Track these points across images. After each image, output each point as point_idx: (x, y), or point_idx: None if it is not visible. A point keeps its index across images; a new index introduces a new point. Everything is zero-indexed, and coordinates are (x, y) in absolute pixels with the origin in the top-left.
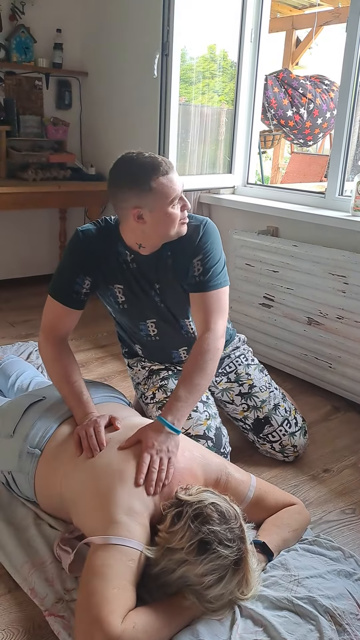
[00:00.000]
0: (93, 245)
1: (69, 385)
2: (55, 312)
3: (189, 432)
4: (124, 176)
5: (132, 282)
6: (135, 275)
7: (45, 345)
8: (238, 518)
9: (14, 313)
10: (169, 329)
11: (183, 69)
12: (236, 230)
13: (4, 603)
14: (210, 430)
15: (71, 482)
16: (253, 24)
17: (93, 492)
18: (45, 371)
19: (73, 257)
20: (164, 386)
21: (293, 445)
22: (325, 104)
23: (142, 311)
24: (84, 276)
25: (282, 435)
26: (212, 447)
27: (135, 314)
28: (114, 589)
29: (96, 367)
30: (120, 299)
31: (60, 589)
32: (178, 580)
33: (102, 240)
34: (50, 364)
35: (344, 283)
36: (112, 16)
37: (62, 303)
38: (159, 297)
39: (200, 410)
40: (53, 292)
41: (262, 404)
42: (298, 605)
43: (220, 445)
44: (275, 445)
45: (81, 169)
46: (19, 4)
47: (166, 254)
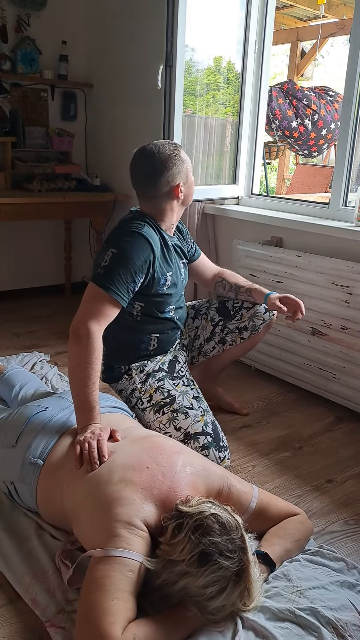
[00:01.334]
0: (153, 242)
1: (89, 389)
2: (105, 309)
3: (189, 430)
4: (159, 164)
5: (175, 263)
6: (175, 256)
7: (88, 340)
8: (239, 529)
9: (18, 324)
10: (181, 303)
11: (189, 81)
12: (240, 240)
13: (5, 614)
14: (208, 425)
15: (72, 494)
16: (257, 36)
17: (93, 506)
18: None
19: (137, 258)
20: (161, 387)
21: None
22: (330, 115)
23: (179, 291)
24: (142, 275)
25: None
26: (212, 441)
27: (174, 296)
28: (113, 600)
29: None
30: (167, 286)
31: (62, 600)
32: (180, 592)
33: (154, 232)
34: (87, 360)
35: (347, 293)
36: (117, 28)
37: (120, 301)
38: (185, 271)
39: (195, 407)
40: (113, 289)
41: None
42: (300, 617)
43: (219, 439)
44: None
45: (86, 180)
46: (24, 16)
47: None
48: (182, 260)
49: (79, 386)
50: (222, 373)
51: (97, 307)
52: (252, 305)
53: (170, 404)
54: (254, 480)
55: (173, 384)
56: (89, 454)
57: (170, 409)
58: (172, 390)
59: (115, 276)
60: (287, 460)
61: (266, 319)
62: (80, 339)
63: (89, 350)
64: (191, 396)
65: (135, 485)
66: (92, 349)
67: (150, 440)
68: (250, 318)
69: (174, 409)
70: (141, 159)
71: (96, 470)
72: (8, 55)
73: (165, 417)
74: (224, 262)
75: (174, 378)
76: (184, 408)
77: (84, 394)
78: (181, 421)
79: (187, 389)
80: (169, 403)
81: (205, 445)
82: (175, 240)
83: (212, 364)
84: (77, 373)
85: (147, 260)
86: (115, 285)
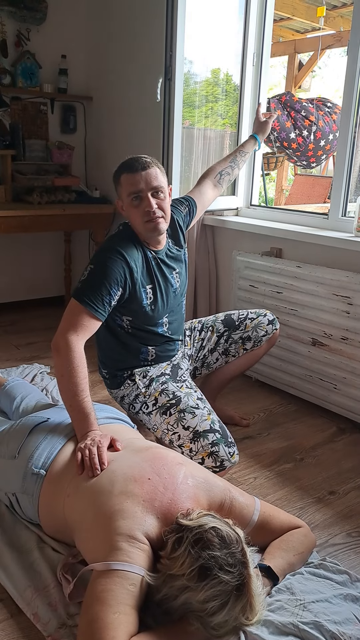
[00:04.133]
0: (130, 257)
1: (79, 397)
2: (83, 321)
3: (197, 429)
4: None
5: (160, 279)
6: (162, 270)
7: (67, 350)
8: (240, 542)
9: (18, 335)
10: (176, 316)
11: (187, 93)
12: (240, 251)
13: (7, 628)
14: (215, 423)
15: (73, 504)
16: (255, 49)
17: (94, 518)
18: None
19: (111, 272)
20: (165, 389)
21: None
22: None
23: (169, 304)
24: (118, 289)
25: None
26: (221, 438)
27: (162, 310)
28: (115, 614)
29: (100, 390)
30: (150, 299)
31: (64, 614)
32: (181, 607)
33: (134, 247)
34: (69, 369)
35: (348, 304)
36: (116, 42)
37: (95, 314)
38: (179, 281)
39: (201, 406)
40: (88, 302)
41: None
42: (304, 631)
43: (227, 435)
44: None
45: (86, 192)
46: (24, 31)
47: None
48: (175, 271)
49: (69, 396)
50: (222, 390)
51: (75, 320)
52: (257, 316)
53: (176, 404)
54: (256, 492)
55: (177, 386)
56: (90, 461)
57: (177, 410)
58: (176, 392)
59: (90, 290)
60: (288, 472)
61: (269, 331)
62: (60, 351)
63: (69, 359)
64: (195, 397)
65: (136, 497)
66: (72, 358)
67: (152, 451)
68: (254, 328)
69: (180, 409)
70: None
71: (97, 480)
72: (8, 69)
73: (172, 417)
74: (224, 273)
75: (177, 381)
76: (191, 408)
77: (75, 403)
78: (189, 420)
79: (190, 390)
80: (175, 404)
81: (214, 442)
82: (163, 252)
83: (212, 380)
84: (63, 384)
85: (122, 273)
86: (90, 298)
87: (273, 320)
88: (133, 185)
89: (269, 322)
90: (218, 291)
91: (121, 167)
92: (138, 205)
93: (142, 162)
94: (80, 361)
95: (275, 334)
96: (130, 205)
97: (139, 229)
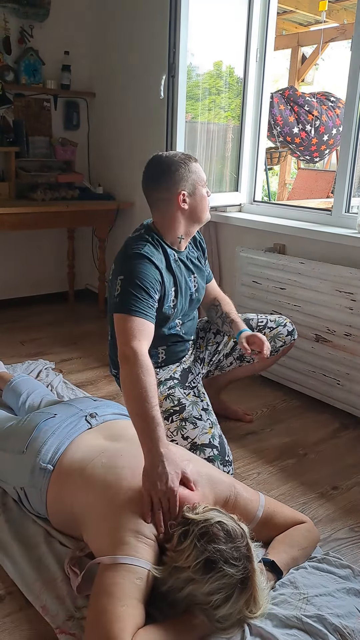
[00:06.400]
0: (156, 259)
1: (149, 404)
2: (139, 327)
3: (196, 441)
4: (164, 167)
5: (180, 279)
6: (182, 271)
7: (136, 356)
8: (244, 537)
9: (23, 332)
10: (190, 316)
11: (189, 86)
12: (243, 248)
13: (16, 620)
14: (215, 438)
15: (81, 499)
16: (258, 43)
17: (102, 513)
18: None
19: (145, 276)
20: (172, 395)
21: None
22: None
23: (185, 304)
24: (156, 292)
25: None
26: (217, 455)
27: (179, 310)
28: (122, 606)
29: (104, 385)
30: (173, 302)
31: (72, 607)
32: (186, 598)
33: (156, 249)
34: (138, 374)
35: (351, 300)
36: (119, 38)
37: (147, 319)
38: (197, 284)
39: (204, 418)
40: (135, 310)
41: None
42: (307, 624)
43: (225, 453)
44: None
45: (89, 189)
46: (27, 28)
47: (191, 248)
48: (193, 275)
49: (137, 404)
50: (229, 386)
51: (130, 329)
52: (276, 325)
53: (179, 412)
54: (259, 487)
55: (184, 393)
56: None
57: (179, 417)
58: (182, 399)
59: (131, 298)
60: (291, 467)
61: (287, 342)
62: (129, 359)
63: (139, 364)
64: (201, 407)
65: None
66: (142, 363)
67: None
68: (273, 338)
69: (183, 418)
70: (150, 163)
71: (105, 476)
72: (11, 66)
73: (173, 425)
74: (227, 269)
75: (185, 387)
76: (193, 418)
77: (144, 411)
78: (189, 431)
79: (197, 399)
80: (178, 411)
81: (210, 457)
82: (185, 254)
83: (220, 378)
84: (132, 391)
85: (155, 277)
86: (135, 305)
87: (292, 331)
88: (204, 174)
89: (288, 333)
90: (221, 287)
91: (182, 157)
92: (207, 193)
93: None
94: (150, 366)
95: (292, 344)
96: (204, 195)
97: (201, 218)
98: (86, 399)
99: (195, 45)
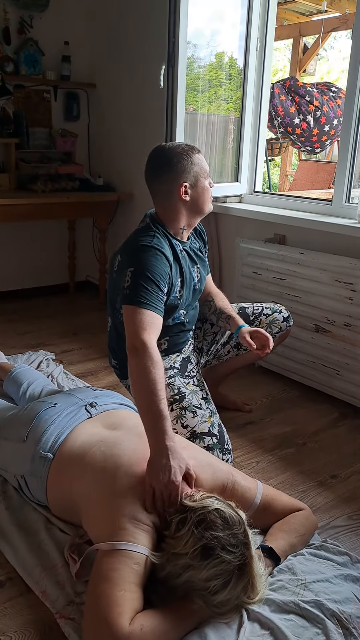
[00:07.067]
0: (165, 251)
1: (157, 397)
2: (147, 319)
3: (195, 429)
4: (166, 159)
5: (185, 269)
6: (187, 261)
7: (145, 348)
8: (242, 524)
9: (24, 323)
10: (193, 305)
11: (191, 78)
12: (243, 238)
13: (17, 605)
14: (214, 427)
15: (81, 487)
16: (259, 32)
17: (100, 499)
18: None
19: (155, 268)
20: (172, 384)
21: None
22: (333, 111)
23: (187, 296)
24: (165, 284)
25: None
26: (217, 443)
27: (184, 301)
28: (120, 591)
29: (105, 376)
30: (179, 293)
31: (71, 592)
32: (184, 584)
33: (163, 240)
34: (147, 367)
35: (351, 290)
36: (119, 28)
37: (155, 312)
38: (200, 274)
39: (203, 407)
40: (145, 302)
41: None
42: (305, 609)
43: (224, 441)
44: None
45: (89, 180)
46: (27, 18)
47: (193, 239)
48: (196, 265)
49: (145, 396)
50: (227, 377)
51: (139, 320)
52: (272, 312)
53: (179, 401)
54: (258, 476)
55: (184, 382)
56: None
57: (179, 406)
58: (182, 388)
59: (141, 290)
60: (291, 456)
61: (283, 328)
62: (138, 351)
63: (148, 356)
64: (200, 396)
65: (141, 480)
66: (151, 355)
67: None
68: (269, 325)
69: (182, 407)
70: (152, 154)
71: (104, 464)
72: (11, 57)
73: (173, 413)
74: (228, 260)
75: (185, 377)
76: (193, 407)
77: (152, 404)
78: (189, 419)
79: (197, 389)
80: (178, 400)
81: (210, 446)
82: (188, 244)
83: (219, 368)
84: (141, 383)
85: (165, 270)
86: (145, 298)
87: (288, 318)
88: (206, 164)
89: (284, 320)
90: (221, 278)
91: (184, 149)
92: (210, 184)
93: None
94: (159, 359)
95: (288, 330)
96: (206, 187)
97: (203, 210)
98: (86, 389)
99: (197, 36)
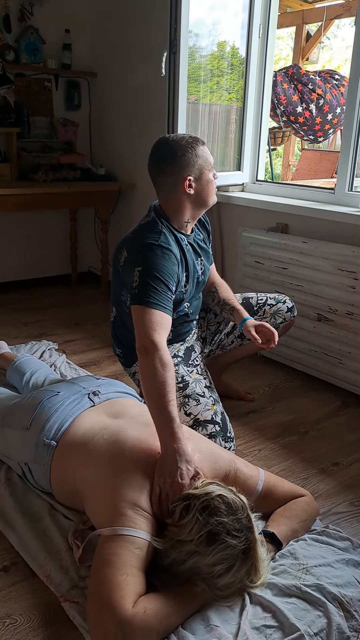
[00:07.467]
0: (172, 247)
1: (167, 397)
2: (157, 319)
3: (198, 417)
4: (170, 152)
5: (190, 263)
6: (191, 255)
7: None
8: (245, 508)
9: (26, 313)
10: (196, 299)
11: (193, 67)
12: (245, 227)
13: (22, 589)
14: (217, 415)
15: (84, 474)
16: (261, 20)
17: (103, 486)
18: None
19: (164, 267)
20: (176, 372)
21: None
22: (336, 100)
23: (192, 289)
24: (173, 283)
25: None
26: (219, 431)
27: (188, 295)
28: (122, 575)
29: (107, 366)
30: (185, 288)
31: (75, 576)
32: (189, 570)
33: (168, 236)
34: (157, 367)
35: (353, 279)
36: (120, 16)
37: (165, 311)
38: (203, 267)
39: (206, 395)
40: (154, 303)
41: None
42: (306, 593)
43: (227, 429)
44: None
45: (91, 170)
46: (27, 5)
47: (197, 231)
48: (200, 258)
49: (155, 396)
50: (230, 366)
51: (148, 321)
52: (276, 302)
53: (183, 389)
54: (261, 463)
55: (187, 370)
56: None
57: (182, 394)
58: (186, 376)
59: (149, 290)
60: (293, 444)
61: (287, 318)
62: (148, 351)
63: (158, 356)
64: (203, 385)
65: (144, 468)
66: (161, 355)
67: None
68: (273, 315)
69: (186, 395)
70: (156, 146)
71: (108, 451)
72: (12, 45)
73: (176, 401)
74: (230, 249)
75: (189, 365)
76: (196, 395)
77: (162, 403)
78: (192, 407)
79: (200, 377)
80: (182, 388)
81: (212, 433)
82: (192, 237)
83: (222, 358)
84: (151, 383)
85: (174, 268)
86: (154, 298)
87: (292, 308)
88: (210, 156)
89: (288, 310)
90: (224, 268)
91: (189, 141)
92: (214, 176)
93: (194, 135)
94: (169, 360)
95: (292, 321)
96: (210, 179)
97: (207, 202)
98: (89, 378)
99: (198, 26)
